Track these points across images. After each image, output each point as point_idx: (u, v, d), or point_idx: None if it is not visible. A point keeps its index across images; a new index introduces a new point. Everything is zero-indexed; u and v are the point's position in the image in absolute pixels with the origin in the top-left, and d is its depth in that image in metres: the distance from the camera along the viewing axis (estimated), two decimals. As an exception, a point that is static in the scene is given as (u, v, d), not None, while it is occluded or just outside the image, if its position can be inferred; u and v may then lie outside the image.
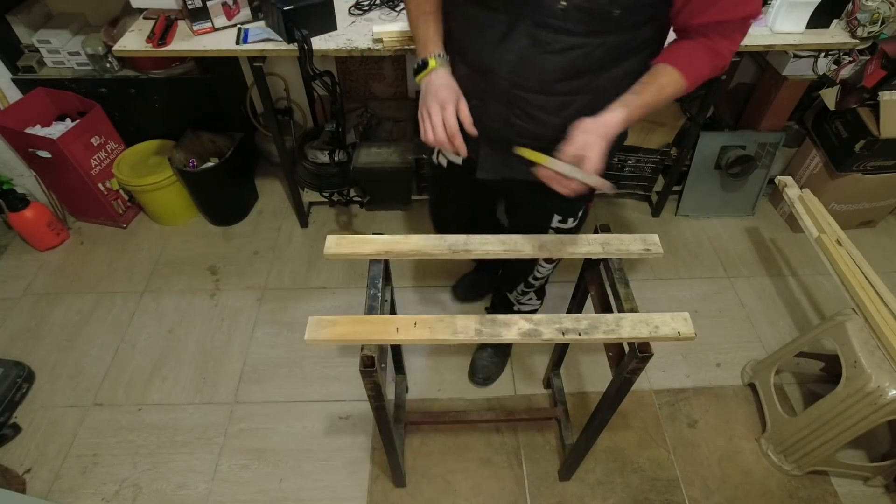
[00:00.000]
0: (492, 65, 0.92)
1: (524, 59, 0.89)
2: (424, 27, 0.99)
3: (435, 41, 0.99)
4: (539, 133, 0.98)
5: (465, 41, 0.96)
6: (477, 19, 0.91)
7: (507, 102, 0.96)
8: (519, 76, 0.91)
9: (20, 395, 1.66)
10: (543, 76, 0.91)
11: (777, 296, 1.98)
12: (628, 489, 1.49)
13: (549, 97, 0.94)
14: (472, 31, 0.93)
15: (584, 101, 0.93)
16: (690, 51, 0.90)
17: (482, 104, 0.98)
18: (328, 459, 1.54)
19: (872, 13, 1.60)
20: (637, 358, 0.91)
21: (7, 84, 1.95)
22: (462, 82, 0.97)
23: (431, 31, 0.99)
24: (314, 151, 2.12)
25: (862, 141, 1.86)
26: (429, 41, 0.99)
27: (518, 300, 1.50)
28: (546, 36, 0.86)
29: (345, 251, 1.00)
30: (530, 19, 0.85)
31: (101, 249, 2.13)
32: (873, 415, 1.23)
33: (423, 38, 0.99)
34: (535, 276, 1.37)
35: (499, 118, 0.99)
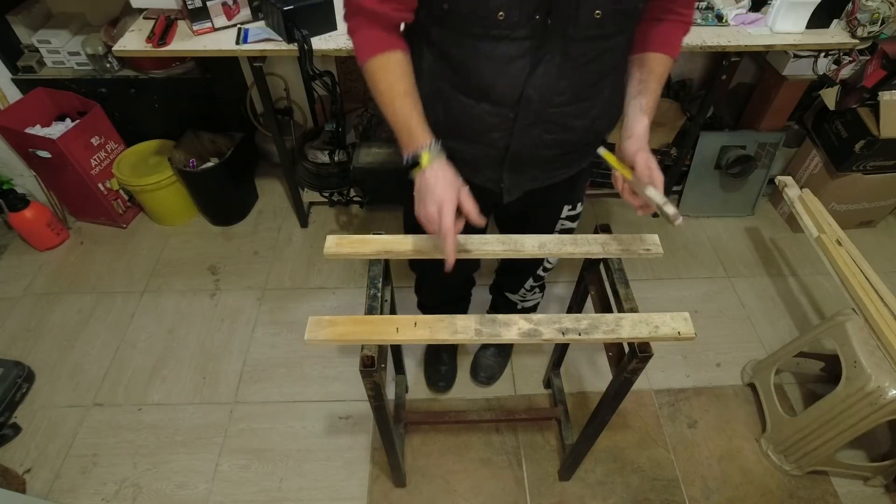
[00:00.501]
0: (525, 94, 0.86)
1: (560, 76, 0.85)
2: (404, 113, 0.88)
3: (420, 130, 0.87)
4: (567, 139, 0.97)
5: (486, 79, 0.86)
6: (499, 54, 0.83)
7: (539, 123, 0.92)
8: (554, 95, 0.88)
9: (20, 395, 1.66)
10: (579, 86, 0.89)
11: (777, 296, 1.98)
12: (628, 489, 1.49)
13: (582, 104, 0.92)
14: (496, 67, 0.85)
15: (607, 94, 0.94)
16: (673, 32, 0.94)
17: (509, 133, 0.93)
18: (328, 459, 1.54)
19: (872, 13, 1.60)
20: (637, 358, 0.91)
21: (7, 84, 1.95)
22: (486, 118, 0.91)
23: (414, 119, 0.88)
24: (314, 151, 2.12)
25: (862, 141, 1.86)
26: (413, 130, 0.87)
27: (524, 297, 1.50)
28: (581, 48, 0.83)
29: (345, 251, 1.00)
30: (561, 37, 0.81)
31: (101, 249, 2.13)
32: (873, 415, 1.23)
33: (405, 126, 0.88)
34: (545, 266, 1.38)
35: (528, 141, 0.95)
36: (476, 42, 0.83)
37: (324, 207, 2.29)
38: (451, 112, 0.94)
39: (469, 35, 0.83)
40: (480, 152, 0.99)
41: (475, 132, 0.95)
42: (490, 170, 1.02)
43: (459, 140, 0.98)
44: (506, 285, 1.51)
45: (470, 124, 0.94)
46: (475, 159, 1.01)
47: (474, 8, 0.79)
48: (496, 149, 0.97)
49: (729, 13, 1.65)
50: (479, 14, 0.79)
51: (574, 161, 1.05)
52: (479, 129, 0.94)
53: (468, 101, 0.91)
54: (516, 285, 1.46)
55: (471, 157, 1.00)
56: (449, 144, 0.97)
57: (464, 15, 0.81)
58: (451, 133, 0.97)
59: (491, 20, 0.79)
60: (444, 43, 0.87)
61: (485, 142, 0.96)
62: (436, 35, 0.88)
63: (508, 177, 1.02)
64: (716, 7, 1.68)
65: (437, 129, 0.94)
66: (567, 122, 0.93)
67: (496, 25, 0.80)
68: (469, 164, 1.01)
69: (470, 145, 0.98)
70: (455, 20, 0.83)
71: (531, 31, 0.80)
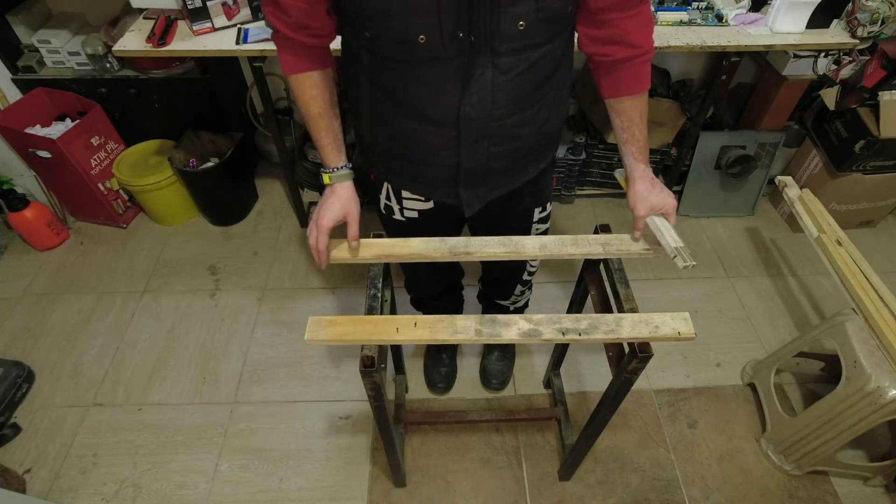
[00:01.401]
0: (462, 113, 0.86)
1: (495, 90, 0.84)
2: (317, 136, 0.95)
3: (330, 153, 0.96)
4: (517, 148, 0.96)
5: (423, 103, 0.86)
6: (430, 77, 0.82)
7: (485, 137, 0.91)
8: (494, 108, 0.86)
9: (20, 395, 1.66)
10: (518, 97, 0.87)
11: (777, 296, 1.98)
12: (628, 489, 1.49)
13: (525, 112, 0.91)
14: (428, 90, 0.84)
15: (551, 96, 0.94)
16: (635, 73, 0.91)
17: (456, 152, 0.93)
18: (328, 459, 1.54)
19: (872, 13, 1.60)
20: (637, 358, 0.91)
21: (7, 84, 1.95)
22: (430, 139, 0.91)
23: (325, 141, 0.95)
24: (314, 151, 2.12)
25: (862, 141, 1.86)
26: (325, 152, 0.96)
27: (516, 301, 1.50)
28: (511, 60, 0.81)
29: (344, 255, 1.00)
30: (489, 52, 0.79)
31: (101, 249, 2.13)
32: (873, 415, 1.23)
33: (319, 147, 0.96)
34: (528, 270, 1.38)
35: (478, 156, 0.94)
36: (405, 66, 0.83)
37: (324, 207, 2.29)
38: (395, 136, 0.94)
39: (396, 60, 0.82)
40: (432, 172, 0.99)
41: (423, 153, 0.95)
42: (445, 187, 1.01)
43: (409, 162, 0.98)
44: (495, 294, 1.51)
45: (416, 146, 0.94)
46: (429, 179, 1.01)
47: (395, 34, 0.78)
48: (447, 167, 0.96)
49: (729, 13, 1.65)
50: (400, 40, 0.78)
51: (531, 164, 1.05)
52: (426, 150, 0.94)
53: (410, 123, 0.91)
54: (507, 293, 1.46)
55: (424, 177, 1.01)
56: (400, 167, 0.99)
57: (387, 42, 0.80)
58: (400, 156, 0.98)
59: (413, 44, 0.78)
60: (376, 69, 0.87)
61: (434, 162, 0.96)
62: (367, 61, 0.87)
63: (465, 192, 1.01)
64: (716, 7, 1.68)
65: (385, 150, 0.97)
66: (513, 133, 0.93)
67: (420, 49, 0.79)
68: (424, 183, 1.03)
69: (421, 167, 0.98)
70: (380, 47, 0.82)
71: (457, 49, 0.79)
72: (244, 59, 2.06)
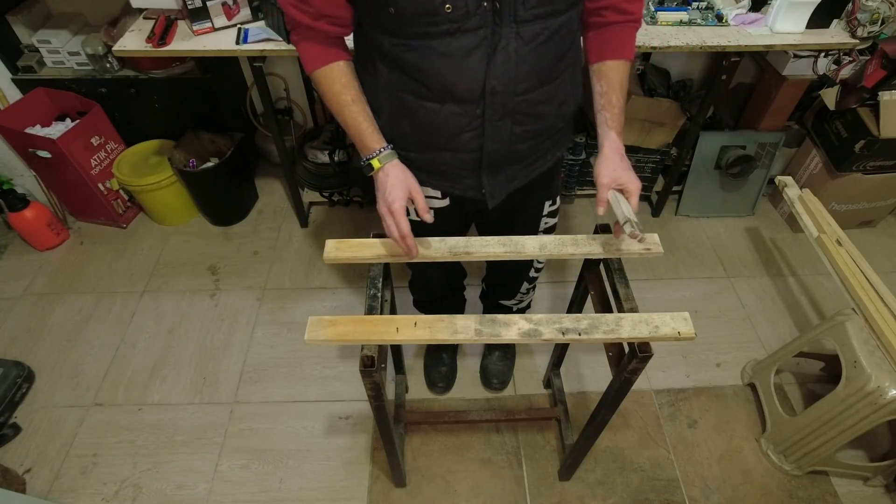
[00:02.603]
0: (488, 86, 0.86)
1: (520, 62, 0.85)
2: (354, 123, 0.92)
3: (370, 137, 0.92)
4: (538, 129, 0.97)
5: (447, 78, 0.86)
6: (455, 49, 0.82)
7: (508, 115, 0.91)
8: (518, 81, 0.87)
9: (20, 395, 1.66)
10: (540, 69, 0.88)
11: (777, 296, 1.98)
12: (628, 489, 1.49)
13: (545, 87, 0.92)
14: (453, 63, 0.84)
15: (568, 77, 0.95)
16: (620, 36, 0.94)
17: (480, 133, 0.93)
18: (328, 459, 1.54)
19: (872, 13, 1.60)
20: (637, 358, 0.91)
21: (7, 84, 1.95)
22: (454, 120, 0.91)
23: (363, 126, 0.92)
24: (314, 151, 2.12)
25: (862, 141, 1.86)
26: (364, 138, 0.92)
27: (520, 300, 1.50)
28: (534, 28, 0.83)
29: (344, 255, 1.00)
30: (512, 20, 0.80)
31: (101, 249, 2.13)
32: (873, 415, 1.23)
33: (357, 134, 0.93)
34: (535, 267, 1.38)
35: (501, 137, 0.94)
36: (429, 41, 0.82)
37: (324, 207, 2.29)
38: (417, 123, 0.94)
39: (420, 36, 0.82)
40: (455, 159, 0.98)
41: (446, 138, 0.94)
42: (468, 177, 1.01)
43: (431, 151, 0.97)
44: (500, 294, 1.51)
45: (439, 131, 0.93)
46: (451, 168, 1.00)
47: (419, 6, 0.78)
48: (470, 152, 0.96)
49: (729, 13, 1.65)
50: (425, 11, 0.78)
51: (549, 151, 1.06)
52: (449, 133, 0.93)
53: (432, 105, 0.90)
54: (512, 292, 1.46)
55: (447, 167, 1.00)
56: (422, 157, 0.98)
57: (411, 15, 0.80)
58: (422, 145, 0.97)
59: (439, 15, 0.78)
60: (398, 50, 0.86)
61: (457, 147, 0.96)
62: (387, 44, 0.86)
63: (488, 180, 1.01)
64: (716, 7, 1.68)
65: (407, 144, 0.96)
66: (535, 111, 0.93)
67: (445, 20, 0.79)
68: (446, 175, 1.02)
69: (443, 154, 0.97)
70: (404, 23, 0.82)
71: (482, 18, 0.80)
72: (244, 59, 2.06)
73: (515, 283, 1.43)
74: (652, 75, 2.11)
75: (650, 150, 2.08)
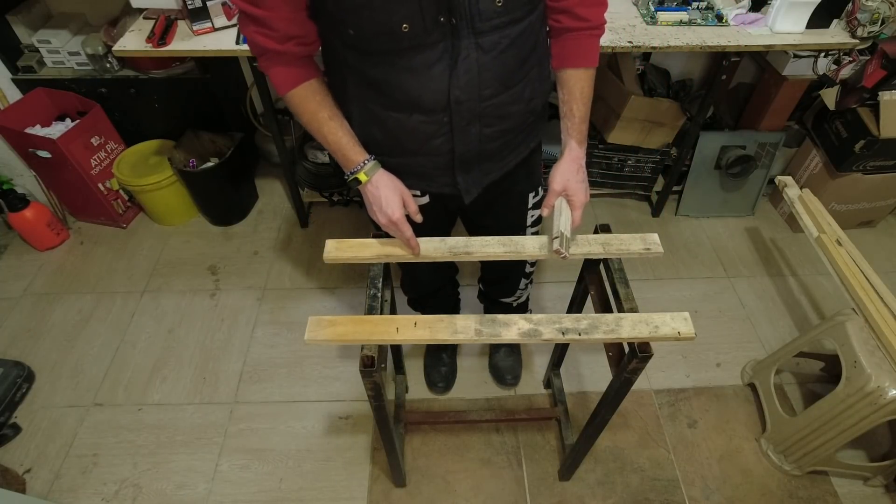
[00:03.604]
0: (452, 96, 0.86)
1: (482, 70, 0.85)
2: (333, 139, 0.92)
3: (352, 149, 0.93)
4: (507, 128, 0.97)
5: (411, 91, 0.87)
6: (417, 64, 0.83)
7: (476, 119, 0.92)
8: (482, 88, 0.88)
9: (20, 395, 1.66)
10: (504, 75, 0.89)
11: (777, 296, 1.98)
12: (628, 489, 1.49)
13: (511, 90, 0.92)
14: (416, 78, 0.85)
15: (534, 73, 0.95)
16: (579, 43, 0.93)
17: (450, 138, 0.94)
18: (328, 459, 1.54)
19: (872, 13, 1.60)
20: (637, 358, 0.91)
21: (7, 84, 1.95)
22: (423, 128, 0.92)
23: (343, 140, 0.92)
24: (314, 151, 2.12)
25: (862, 141, 1.86)
26: (347, 151, 0.93)
27: (520, 296, 1.50)
28: (493, 38, 0.83)
29: (344, 255, 1.00)
30: (471, 31, 0.81)
31: (101, 249, 2.13)
32: (873, 415, 1.23)
33: (337, 149, 0.93)
34: (529, 262, 1.38)
35: (470, 139, 0.95)
36: (391, 57, 0.83)
37: (324, 207, 2.29)
38: (387, 131, 0.94)
39: (382, 52, 0.83)
40: (428, 161, 0.99)
41: (416, 144, 0.95)
42: (443, 176, 1.02)
43: (404, 155, 0.98)
44: (499, 292, 1.51)
45: (409, 138, 0.94)
46: (426, 170, 1.01)
47: (378, 27, 0.79)
48: (442, 155, 0.97)
49: (729, 13, 1.65)
50: (383, 31, 0.79)
51: (521, 143, 1.06)
52: (419, 139, 0.94)
53: (400, 115, 0.91)
54: (511, 289, 1.47)
55: (420, 169, 1.01)
56: (395, 161, 0.98)
57: (370, 35, 0.81)
58: (395, 150, 0.97)
59: (397, 34, 0.79)
60: (362, 65, 0.87)
61: (429, 151, 0.96)
62: (352, 59, 0.87)
63: (462, 178, 1.02)
64: (716, 7, 1.68)
65: (379, 149, 0.96)
66: (502, 112, 0.94)
67: (404, 38, 0.79)
68: (421, 175, 1.02)
69: (416, 158, 0.98)
70: (364, 42, 0.82)
71: (440, 34, 0.80)
72: (244, 59, 2.06)
73: (512, 279, 1.43)
74: (652, 75, 2.12)
75: (650, 150, 2.08)
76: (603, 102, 2.03)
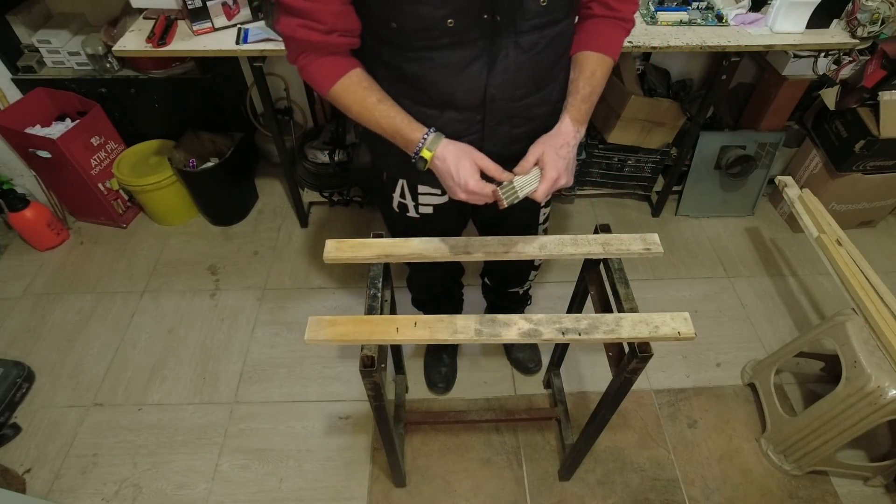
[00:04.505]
0: (488, 94, 0.87)
1: (518, 70, 0.86)
2: (388, 121, 0.87)
3: (409, 126, 0.87)
4: (533, 129, 0.97)
5: (447, 88, 0.86)
6: (455, 61, 0.83)
7: (507, 119, 0.93)
8: (516, 88, 0.88)
9: (20, 395, 1.66)
10: (538, 76, 0.90)
11: (777, 296, 1.98)
12: (628, 489, 1.49)
13: (542, 92, 0.93)
14: (453, 74, 0.85)
15: (562, 77, 0.95)
16: (603, 30, 0.94)
17: (480, 136, 0.94)
18: (328, 459, 1.54)
19: (872, 13, 1.60)
20: (637, 358, 0.91)
21: (7, 84, 1.95)
22: (455, 126, 0.91)
23: (398, 120, 0.87)
24: (314, 151, 2.12)
25: (862, 141, 1.86)
26: (403, 130, 0.87)
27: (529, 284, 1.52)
28: (532, 38, 0.84)
29: (344, 255, 1.00)
30: (512, 30, 0.81)
31: (101, 249, 2.13)
32: (873, 415, 1.23)
33: (393, 131, 0.87)
34: None
35: (499, 140, 0.95)
36: (429, 53, 0.83)
37: (324, 207, 2.29)
38: None
39: (421, 48, 0.83)
40: None
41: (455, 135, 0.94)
42: None
43: None
44: (509, 283, 1.51)
45: (449, 127, 0.93)
46: None
47: (422, 21, 0.78)
48: None
49: (729, 13, 1.65)
50: (427, 26, 0.79)
51: None
52: (449, 136, 0.93)
53: (432, 112, 0.91)
54: (522, 279, 1.48)
55: None
56: None
57: (413, 30, 0.80)
58: None
59: (441, 29, 0.79)
60: (398, 60, 0.86)
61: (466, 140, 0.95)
62: (387, 55, 0.86)
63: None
64: (716, 7, 1.68)
65: None
66: (531, 113, 0.94)
67: (447, 34, 0.79)
68: None
69: None
70: (405, 37, 0.82)
71: (481, 31, 0.81)
72: (244, 59, 2.06)
73: (524, 270, 1.44)
74: (652, 75, 2.11)
75: (650, 150, 2.08)
76: (603, 102, 2.03)
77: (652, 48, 1.56)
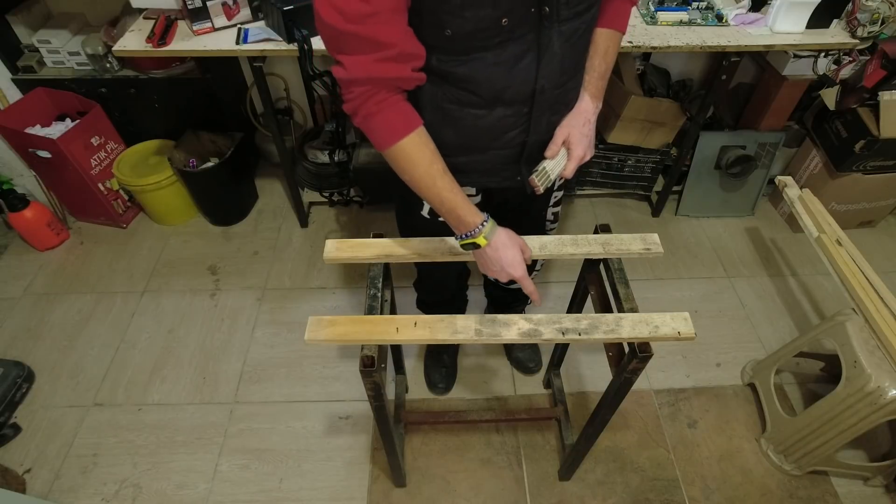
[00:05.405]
0: (538, 86, 0.88)
1: (564, 57, 0.88)
2: (449, 196, 0.84)
3: (469, 209, 0.85)
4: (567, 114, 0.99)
5: (498, 84, 0.87)
6: (507, 57, 0.84)
7: (549, 107, 0.94)
8: (561, 75, 0.90)
9: (20, 395, 1.66)
10: (577, 60, 0.92)
11: (777, 296, 1.98)
12: (628, 489, 1.49)
13: (577, 76, 0.95)
14: (505, 70, 0.85)
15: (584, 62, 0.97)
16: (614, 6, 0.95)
17: (525, 129, 0.95)
18: (328, 459, 1.54)
19: (872, 13, 1.60)
20: (637, 358, 0.91)
21: (7, 84, 1.95)
22: (501, 122, 0.93)
23: (459, 199, 0.85)
24: (314, 151, 2.12)
25: (862, 141, 1.86)
26: (462, 212, 0.85)
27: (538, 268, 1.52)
28: (573, 25, 0.85)
29: (344, 255, 1.00)
30: (556, 21, 0.83)
31: (101, 249, 2.13)
32: (873, 415, 1.23)
33: (452, 209, 0.85)
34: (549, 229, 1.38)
35: (542, 129, 0.96)
36: (482, 54, 0.83)
37: (324, 207, 2.29)
38: (461, 131, 0.94)
39: (475, 49, 0.83)
40: (497, 157, 1.00)
41: (490, 139, 0.96)
42: (508, 170, 1.03)
43: (472, 153, 0.99)
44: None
45: (483, 134, 0.95)
46: (492, 166, 1.02)
47: (480, 23, 0.78)
48: (513, 147, 0.99)
49: (729, 13, 1.65)
50: (483, 27, 0.79)
51: None
52: (495, 134, 0.95)
53: (480, 111, 0.91)
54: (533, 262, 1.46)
55: (487, 165, 1.01)
56: (463, 160, 0.98)
57: (468, 33, 0.80)
58: (465, 149, 0.98)
59: (496, 28, 0.80)
60: (448, 66, 0.85)
61: (502, 145, 0.98)
62: (434, 62, 0.85)
63: (525, 169, 1.03)
64: (716, 7, 1.68)
65: (447, 149, 0.90)
66: (567, 98, 0.96)
67: (500, 32, 0.80)
68: (485, 171, 1.03)
69: (486, 154, 0.99)
70: (459, 42, 0.82)
71: (530, 25, 0.82)
72: (244, 59, 2.06)
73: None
74: (652, 75, 2.11)
75: (650, 150, 2.08)
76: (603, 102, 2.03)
77: (652, 48, 1.56)
